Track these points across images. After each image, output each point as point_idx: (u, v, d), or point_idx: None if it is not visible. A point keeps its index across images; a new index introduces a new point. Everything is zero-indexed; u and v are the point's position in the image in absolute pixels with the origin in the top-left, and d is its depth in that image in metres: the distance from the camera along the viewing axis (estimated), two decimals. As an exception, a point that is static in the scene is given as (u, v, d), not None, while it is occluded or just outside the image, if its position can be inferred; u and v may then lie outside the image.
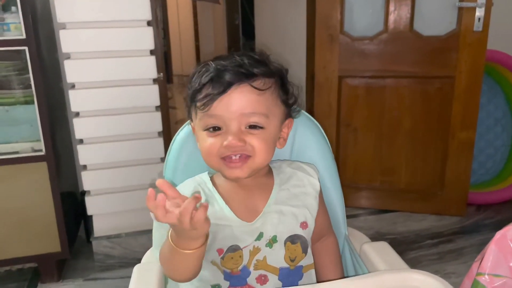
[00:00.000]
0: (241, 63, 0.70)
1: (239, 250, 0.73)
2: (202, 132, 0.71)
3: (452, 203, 2.10)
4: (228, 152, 0.69)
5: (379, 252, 0.81)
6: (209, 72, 0.70)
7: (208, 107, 0.68)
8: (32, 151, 1.55)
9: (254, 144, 0.69)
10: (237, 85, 0.68)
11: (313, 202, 0.80)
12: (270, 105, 0.71)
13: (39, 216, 1.58)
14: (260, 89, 0.69)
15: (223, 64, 0.70)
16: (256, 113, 0.69)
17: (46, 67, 1.58)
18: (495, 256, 0.63)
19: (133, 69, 1.64)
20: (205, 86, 0.69)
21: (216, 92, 0.68)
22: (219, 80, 0.68)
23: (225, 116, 0.68)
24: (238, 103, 0.68)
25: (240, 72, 0.68)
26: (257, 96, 0.69)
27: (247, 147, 0.69)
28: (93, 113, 1.65)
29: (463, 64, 1.94)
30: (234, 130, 0.68)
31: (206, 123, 0.70)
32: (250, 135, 0.69)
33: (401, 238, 1.95)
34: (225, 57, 0.72)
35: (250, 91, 0.69)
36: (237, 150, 0.69)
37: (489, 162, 2.26)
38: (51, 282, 1.65)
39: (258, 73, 0.70)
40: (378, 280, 0.67)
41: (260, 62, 0.72)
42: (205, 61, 0.74)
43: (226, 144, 0.68)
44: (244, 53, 0.73)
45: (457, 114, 1.99)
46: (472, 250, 1.83)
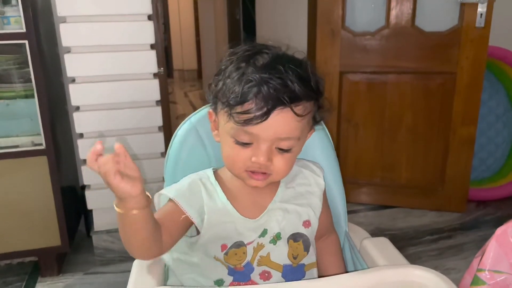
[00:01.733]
0: (286, 83, 0.65)
1: (243, 246, 0.74)
2: (229, 138, 0.70)
3: (452, 199, 2.10)
4: (254, 167, 0.69)
5: (379, 247, 0.81)
6: (252, 85, 0.65)
7: (246, 125, 0.66)
8: (32, 145, 1.55)
9: (279, 165, 0.70)
10: (280, 109, 0.66)
11: (317, 201, 0.81)
12: (304, 129, 0.71)
13: (39, 210, 1.58)
14: (301, 115, 0.68)
15: (267, 80, 0.65)
16: (290, 138, 0.69)
17: (46, 61, 1.57)
18: (496, 252, 0.62)
19: (134, 64, 1.64)
20: (247, 101, 0.65)
21: (259, 114, 0.65)
22: (263, 100, 0.65)
23: (260, 137, 0.67)
24: (276, 128, 0.67)
25: (286, 95, 0.65)
26: (296, 122, 0.68)
27: (271, 167, 0.70)
28: (93, 107, 1.65)
29: (465, 60, 1.93)
30: (265, 150, 0.68)
31: (238, 136, 0.68)
32: (278, 156, 0.70)
33: (401, 234, 1.95)
34: (268, 64, 0.67)
35: (291, 117, 0.67)
36: (262, 167, 0.69)
37: (489, 158, 2.25)
38: (51, 276, 1.66)
39: (302, 96, 0.67)
40: (378, 276, 0.67)
41: (305, 81, 0.68)
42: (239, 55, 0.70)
43: (256, 161, 0.68)
44: (287, 62, 0.68)
45: (458, 110, 1.99)
46: (472, 246, 1.83)
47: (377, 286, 0.65)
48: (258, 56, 0.69)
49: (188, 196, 0.74)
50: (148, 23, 1.62)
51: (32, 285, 1.62)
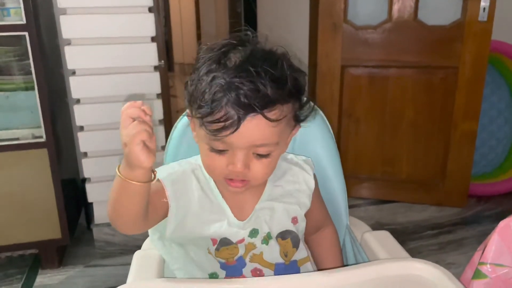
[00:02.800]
0: (258, 87, 0.61)
1: (233, 244, 0.73)
2: (204, 145, 0.68)
3: (453, 194, 2.10)
4: (231, 175, 0.67)
5: (380, 241, 0.80)
6: (221, 93, 0.61)
7: (217, 136, 0.63)
8: (33, 138, 1.54)
9: (257, 171, 0.67)
10: (253, 116, 0.62)
11: (305, 200, 0.79)
12: (282, 132, 0.67)
13: (39, 203, 1.58)
14: (276, 120, 0.63)
15: (238, 86, 0.61)
16: (266, 144, 0.66)
17: (46, 53, 1.56)
18: (498, 246, 0.62)
19: (134, 56, 1.63)
20: (217, 110, 0.62)
21: (229, 123, 0.61)
22: (233, 108, 0.61)
23: (235, 144, 0.64)
24: (250, 135, 0.63)
25: (257, 102, 0.61)
26: (271, 128, 0.64)
27: (249, 174, 0.67)
28: (94, 100, 1.64)
29: (467, 55, 1.92)
30: (241, 157, 0.65)
31: (212, 144, 0.66)
32: (255, 161, 0.67)
33: (401, 228, 1.95)
34: (239, 65, 0.63)
35: (264, 124, 0.63)
36: (239, 175, 0.67)
37: (491, 153, 2.25)
38: (51, 268, 1.66)
39: (276, 100, 0.63)
40: (379, 269, 0.66)
41: (280, 83, 0.63)
42: (212, 54, 0.66)
43: (232, 170, 0.66)
44: (261, 61, 0.63)
45: (460, 105, 1.98)
46: (472, 241, 1.84)
47: (378, 279, 0.65)
48: (231, 54, 0.65)
49: (176, 183, 0.72)
50: (149, 16, 1.61)
51: (33, 277, 1.62)
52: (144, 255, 0.77)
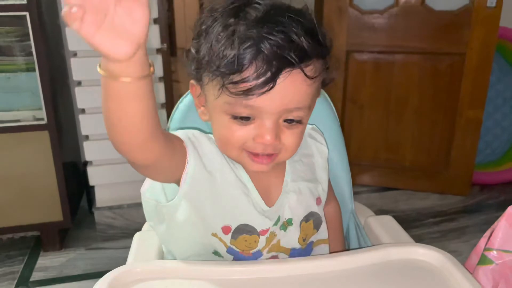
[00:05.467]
0: (291, 37, 0.52)
1: (255, 234, 0.65)
2: (222, 116, 0.57)
3: (456, 182, 2.09)
4: (257, 148, 0.58)
5: (384, 225, 0.79)
6: (249, 45, 0.52)
7: (246, 97, 0.54)
8: (34, 120, 1.53)
9: (288, 143, 0.59)
10: (288, 72, 0.53)
11: (323, 174, 0.74)
12: (315, 95, 0.59)
13: (41, 185, 1.58)
14: (313, 77, 0.55)
15: (267, 36, 0.52)
16: (301, 108, 0.57)
17: (47, 34, 1.54)
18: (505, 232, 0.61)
19: (136, 38, 1.61)
20: (245, 66, 0.52)
21: (261, 81, 0.52)
22: (265, 62, 0.52)
23: (265, 110, 0.55)
24: (284, 96, 0.54)
25: (292, 54, 0.52)
26: (307, 87, 0.56)
27: (279, 145, 0.58)
28: (95, 82, 1.62)
29: (475, 41, 1.89)
30: (271, 126, 0.56)
31: (235, 111, 0.56)
32: (286, 131, 0.58)
33: (403, 216, 1.94)
34: (264, 16, 0.54)
35: (301, 81, 0.55)
36: (268, 149, 0.58)
37: (495, 142, 2.23)
38: (53, 251, 1.66)
39: (312, 54, 0.54)
40: (383, 254, 0.65)
41: (312, 34, 0.55)
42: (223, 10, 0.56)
43: (261, 141, 0.57)
44: (286, 12, 0.55)
45: (466, 92, 1.95)
46: (475, 229, 1.83)
47: (382, 264, 0.64)
48: (248, 8, 0.55)
49: (197, 147, 0.62)
50: (151, -3, 1.58)
51: (34, 259, 1.63)
52: (144, 236, 0.76)
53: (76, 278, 1.52)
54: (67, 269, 1.57)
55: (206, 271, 0.61)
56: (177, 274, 0.60)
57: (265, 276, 0.60)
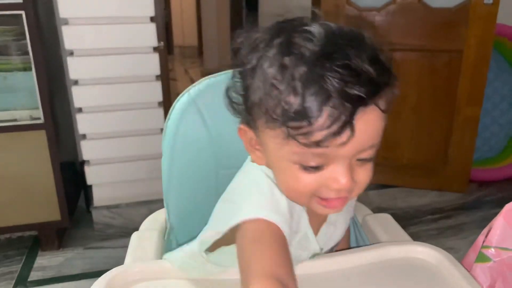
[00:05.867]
0: (360, 69, 0.46)
1: None
2: (289, 165, 0.51)
3: (454, 179, 2.09)
4: (333, 195, 0.52)
5: (382, 224, 0.79)
6: (316, 90, 0.45)
7: (318, 147, 0.47)
8: (31, 119, 1.53)
9: (361, 180, 0.53)
10: (362, 111, 0.46)
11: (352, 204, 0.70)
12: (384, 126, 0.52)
13: (38, 185, 1.57)
14: (386, 110, 0.49)
15: (333, 73, 0.45)
16: (374, 145, 0.51)
17: (44, 33, 1.54)
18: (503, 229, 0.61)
19: (133, 37, 1.60)
20: (315, 115, 0.45)
21: (336, 128, 0.46)
22: (337, 106, 0.45)
23: (339, 154, 0.49)
24: (360, 138, 0.47)
25: (365, 90, 0.45)
26: (381, 121, 0.49)
27: (353, 186, 0.52)
28: (92, 81, 1.62)
29: (472, 38, 1.89)
30: (346, 169, 0.50)
31: (306, 161, 0.50)
32: (358, 169, 0.53)
33: (401, 213, 1.95)
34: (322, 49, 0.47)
35: (375, 117, 0.48)
36: (343, 192, 0.52)
37: (493, 139, 2.23)
38: (51, 250, 1.66)
39: (382, 84, 0.48)
40: (381, 252, 0.65)
41: (377, 61, 0.48)
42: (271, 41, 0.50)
43: (336, 187, 0.51)
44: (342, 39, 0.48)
45: (464, 90, 1.96)
46: (473, 226, 1.83)
47: (380, 263, 0.64)
48: (298, 39, 0.48)
49: (287, 219, 0.55)
50: (148, -5, 1.58)
51: (32, 259, 1.62)
52: (141, 236, 0.76)
53: (74, 278, 1.52)
54: (65, 269, 1.57)
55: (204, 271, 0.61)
56: (175, 274, 0.60)
57: (263, 275, 0.60)
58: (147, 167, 1.74)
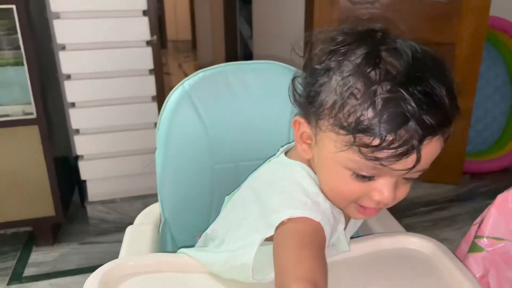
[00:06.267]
0: (438, 104, 0.48)
1: None
2: (342, 170, 0.52)
3: (447, 171, 2.10)
4: (373, 205, 0.55)
5: (376, 215, 0.80)
6: (395, 113, 0.46)
7: (379, 162, 0.49)
8: (23, 114, 1.51)
9: (400, 195, 0.55)
10: (429, 140, 0.49)
11: None
12: None
13: (32, 180, 1.56)
14: (447, 138, 0.52)
15: (413, 104, 0.46)
16: (426, 168, 0.53)
17: (35, 27, 1.52)
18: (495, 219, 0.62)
19: (126, 30, 1.59)
20: (387, 135, 0.47)
21: (402, 151, 0.47)
22: (410, 132, 0.47)
23: (393, 173, 0.51)
24: (421, 162, 0.49)
25: (438, 121, 0.48)
26: (439, 147, 0.51)
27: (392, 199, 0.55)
28: (85, 75, 1.61)
29: (465, 31, 1.89)
30: (392, 185, 0.52)
31: (361, 170, 0.51)
32: (401, 186, 0.55)
33: (395, 205, 1.95)
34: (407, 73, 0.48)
35: (438, 146, 0.51)
36: (381, 204, 0.55)
37: (486, 131, 2.25)
38: (46, 246, 1.66)
39: (452, 117, 0.50)
40: (375, 243, 0.66)
41: (453, 94, 0.50)
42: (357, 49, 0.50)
43: (379, 199, 0.53)
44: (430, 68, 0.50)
45: (457, 82, 1.96)
46: (466, 218, 1.85)
47: (374, 254, 0.65)
48: (385, 55, 0.49)
49: (329, 220, 0.56)
50: (140, -12, 1.57)
51: (27, 254, 1.62)
52: (136, 230, 0.76)
53: (69, 273, 1.52)
54: (60, 264, 1.57)
55: (199, 264, 0.61)
56: (170, 268, 0.60)
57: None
58: (141, 161, 1.73)
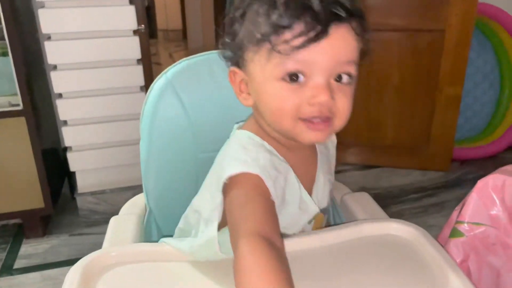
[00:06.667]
0: None
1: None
2: (273, 84, 0.55)
3: (437, 158, 2.12)
4: (313, 112, 0.55)
5: (359, 202, 0.80)
6: (295, 3, 0.52)
7: (297, 51, 0.52)
8: (9, 106, 1.50)
9: (341, 105, 0.57)
10: (337, 25, 0.53)
11: (333, 162, 0.74)
12: (358, 56, 0.58)
13: (20, 172, 1.55)
14: (359, 34, 0.56)
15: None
16: (351, 61, 0.56)
17: (20, 17, 1.50)
18: (476, 205, 0.62)
19: (112, 20, 1.57)
20: (295, 22, 0.52)
21: (313, 34, 0.51)
22: (314, 17, 0.52)
23: (317, 63, 0.53)
24: (337, 48, 0.54)
25: (339, 7, 0.53)
26: (355, 41, 0.56)
27: (334, 108, 0.56)
28: (71, 66, 1.59)
29: (454, 17, 1.89)
30: (325, 83, 0.54)
31: (286, 69, 0.54)
32: (338, 92, 0.56)
33: (385, 192, 1.97)
34: None
35: (349, 34, 0.55)
36: (323, 110, 0.55)
37: (475, 118, 2.26)
38: (36, 238, 1.65)
39: (355, 12, 0.55)
40: (358, 230, 0.66)
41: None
42: None
43: (315, 101, 0.54)
44: None
45: (446, 69, 1.97)
46: (454, 204, 1.83)
47: (357, 240, 0.65)
48: None
49: (270, 173, 0.57)
50: (126, -23, 1.54)
51: (17, 247, 1.61)
52: (120, 220, 0.76)
53: (60, 265, 1.52)
54: (51, 256, 1.56)
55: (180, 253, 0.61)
56: (152, 257, 0.60)
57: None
58: (130, 152, 1.73)
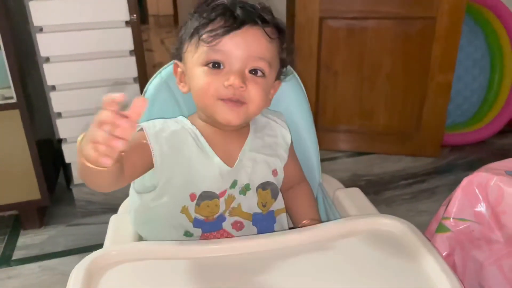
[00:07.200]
0: (254, 6, 0.71)
1: (216, 198, 0.73)
2: (199, 69, 0.70)
3: (427, 145, 2.15)
4: (228, 93, 0.68)
5: (351, 197, 0.83)
6: (219, 7, 0.69)
7: (217, 40, 0.67)
8: (3, 99, 1.50)
9: (253, 92, 0.69)
10: (251, 25, 0.69)
11: (283, 153, 0.82)
12: (273, 56, 0.72)
13: (16, 164, 1.56)
14: (271, 37, 0.70)
15: (234, 3, 0.70)
16: (263, 59, 0.70)
17: (11, 9, 1.48)
18: (461, 201, 0.65)
19: (103, 10, 1.56)
20: (217, 19, 0.69)
21: (229, 26, 0.67)
22: (233, 15, 0.68)
23: (233, 54, 0.68)
24: (250, 44, 0.68)
25: (255, 14, 0.69)
26: (267, 42, 0.70)
27: (245, 93, 0.69)
28: (64, 58, 1.58)
29: (445, 4, 1.90)
30: (238, 70, 0.68)
31: (209, 57, 0.69)
32: (251, 81, 0.69)
33: (376, 179, 2.01)
34: (231, 1, 0.71)
35: (262, 35, 0.69)
36: (236, 93, 0.68)
37: (465, 104, 2.29)
38: (33, 229, 1.67)
39: (269, 20, 0.71)
40: (349, 225, 0.69)
41: (269, 11, 0.73)
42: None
43: (228, 84, 0.67)
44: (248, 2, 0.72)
45: (437, 56, 1.99)
46: (444, 189, 1.91)
47: (348, 235, 0.68)
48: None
49: (169, 140, 0.71)
50: (117, -33, 1.53)
51: (15, 238, 1.63)
52: (120, 219, 0.78)
53: (58, 255, 1.54)
54: (49, 246, 1.59)
55: (181, 251, 0.63)
56: (153, 255, 0.63)
57: (236, 253, 0.63)
58: (125, 143, 1.73)
